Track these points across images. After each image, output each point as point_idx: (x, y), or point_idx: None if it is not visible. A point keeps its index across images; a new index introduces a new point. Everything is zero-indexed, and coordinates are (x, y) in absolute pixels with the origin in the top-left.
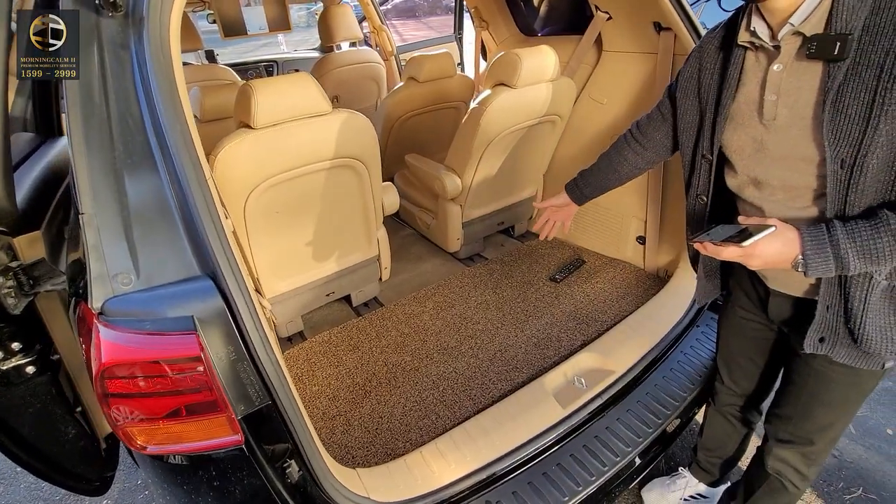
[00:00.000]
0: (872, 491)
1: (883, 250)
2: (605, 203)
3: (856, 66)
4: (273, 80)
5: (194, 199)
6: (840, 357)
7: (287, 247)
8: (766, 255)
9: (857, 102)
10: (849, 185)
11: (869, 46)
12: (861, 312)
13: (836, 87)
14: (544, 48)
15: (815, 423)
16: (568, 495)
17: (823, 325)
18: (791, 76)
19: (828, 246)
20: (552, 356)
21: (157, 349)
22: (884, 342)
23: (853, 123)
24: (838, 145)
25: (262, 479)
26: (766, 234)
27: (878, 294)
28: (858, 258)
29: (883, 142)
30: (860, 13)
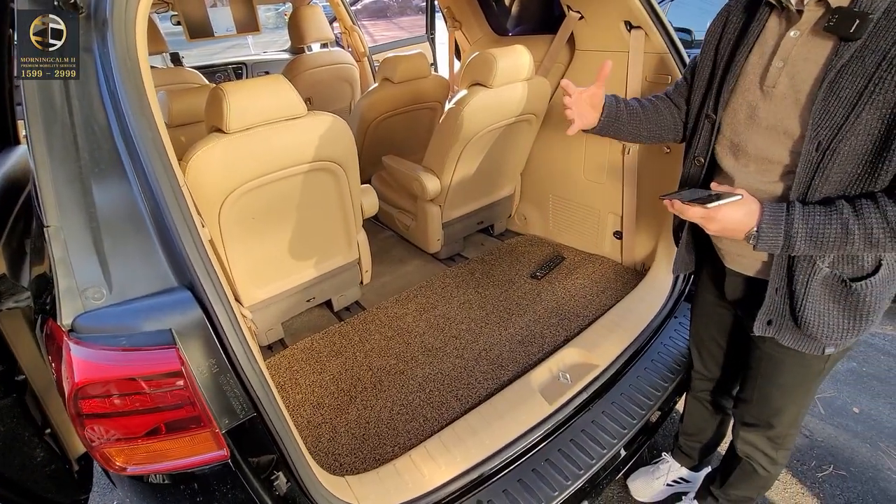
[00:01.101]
0: (842, 467)
1: (829, 237)
2: (583, 200)
3: (862, 50)
4: (246, 83)
5: (168, 207)
6: (786, 340)
7: (265, 253)
8: (726, 220)
9: (851, 86)
10: (817, 167)
11: (882, 31)
12: (803, 296)
13: (839, 68)
14: (519, 48)
15: (772, 406)
16: (558, 490)
17: (772, 307)
18: (803, 46)
19: (783, 223)
20: (536, 353)
21: (134, 365)
22: (821, 327)
23: (840, 107)
24: (820, 126)
25: (249, 493)
26: (732, 200)
27: (819, 280)
28: (805, 240)
29: (860, 131)
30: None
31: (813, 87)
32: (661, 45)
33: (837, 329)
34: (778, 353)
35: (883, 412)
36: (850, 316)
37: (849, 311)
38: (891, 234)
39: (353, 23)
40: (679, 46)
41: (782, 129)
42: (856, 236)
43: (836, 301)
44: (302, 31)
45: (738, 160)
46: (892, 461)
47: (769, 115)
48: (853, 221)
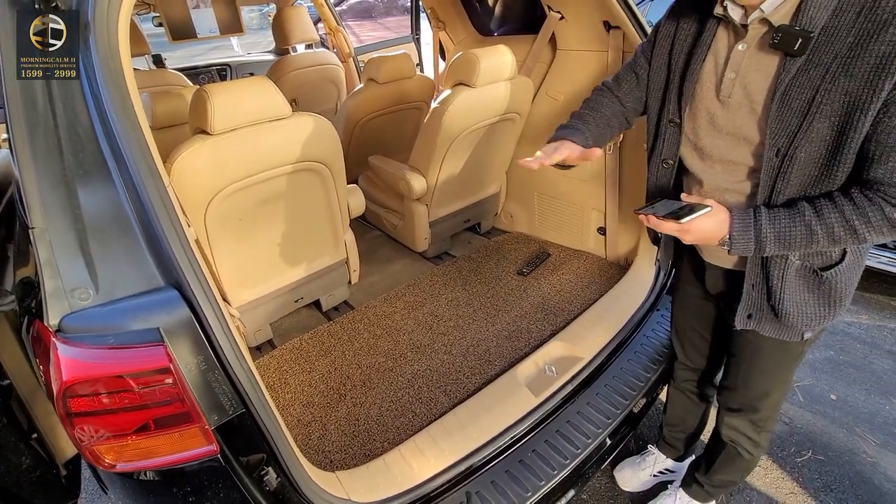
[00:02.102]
0: (821, 452)
1: (795, 238)
2: (567, 197)
3: (807, 65)
4: (230, 85)
5: (155, 208)
6: (766, 331)
7: (252, 254)
8: (700, 231)
9: (800, 98)
10: (779, 173)
11: (823, 47)
12: (780, 290)
13: (787, 82)
14: (501, 48)
15: (756, 390)
16: (544, 479)
17: (750, 302)
18: (751, 59)
19: (752, 229)
20: (523, 347)
21: (122, 363)
22: (800, 316)
23: (794, 116)
24: (777, 135)
25: (239, 488)
26: (703, 213)
27: (792, 273)
28: (774, 242)
29: (813, 138)
30: (824, 13)
31: (766, 98)
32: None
33: (815, 316)
34: (759, 340)
35: (858, 398)
36: (824, 303)
37: (823, 298)
38: (850, 231)
39: (338, 24)
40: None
41: (742, 135)
42: (819, 235)
43: (811, 290)
44: (286, 33)
45: (703, 162)
46: (867, 445)
47: (728, 122)
48: (815, 221)
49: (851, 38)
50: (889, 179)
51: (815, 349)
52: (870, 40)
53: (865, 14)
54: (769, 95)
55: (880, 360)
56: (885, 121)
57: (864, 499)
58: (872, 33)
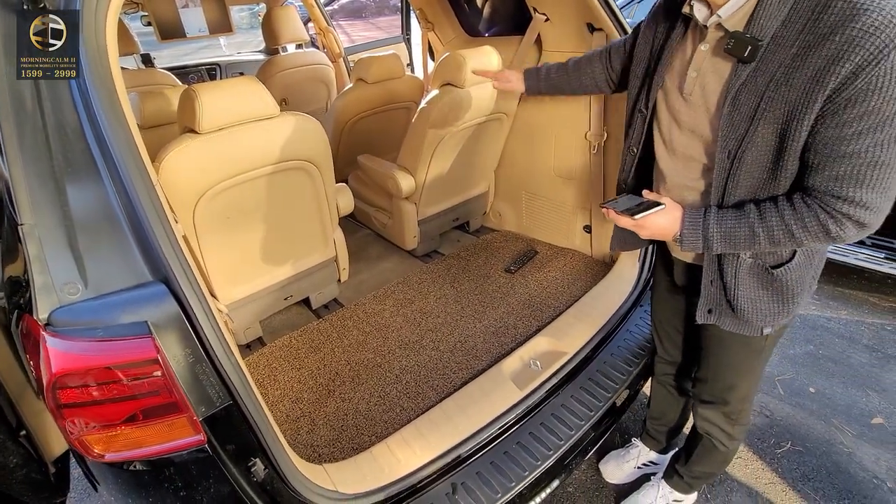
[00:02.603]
0: (799, 444)
1: (740, 238)
2: (553, 196)
3: (755, 72)
4: (218, 84)
5: (143, 204)
6: (726, 326)
7: (241, 252)
8: (653, 227)
9: (748, 103)
10: (729, 174)
11: (770, 56)
12: (734, 286)
13: (738, 87)
14: (487, 49)
15: (723, 383)
16: (528, 470)
17: (709, 297)
18: (710, 60)
19: (700, 227)
20: (509, 343)
21: (110, 355)
22: (754, 312)
23: (742, 121)
24: (727, 137)
25: (228, 479)
26: (656, 210)
27: (745, 270)
28: (720, 241)
29: (759, 142)
30: (774, 22)
31: (720, 100)
32: None
33: (769, 313)
34: (722, 335)
35: (836, 391)
36: (777, 300)
37: (776, 296)
38: (788, 234)
39: (328, 24)
40: None
41: (699, 133)
42: (761, 237)
43: (764, 287)
44: (276, 33)
45: (669, 157)
46: (843, 436)
47: (688, 119)
48: (758, 224)
49: (795, 49)
50: (825, 188)
51: (796, 344)
52: (809, 53)
53: (809, 27)
54: (722, 98)
55: (858, 355)
56: (822, 132)
57: (840, 488)
58: (812, 46)
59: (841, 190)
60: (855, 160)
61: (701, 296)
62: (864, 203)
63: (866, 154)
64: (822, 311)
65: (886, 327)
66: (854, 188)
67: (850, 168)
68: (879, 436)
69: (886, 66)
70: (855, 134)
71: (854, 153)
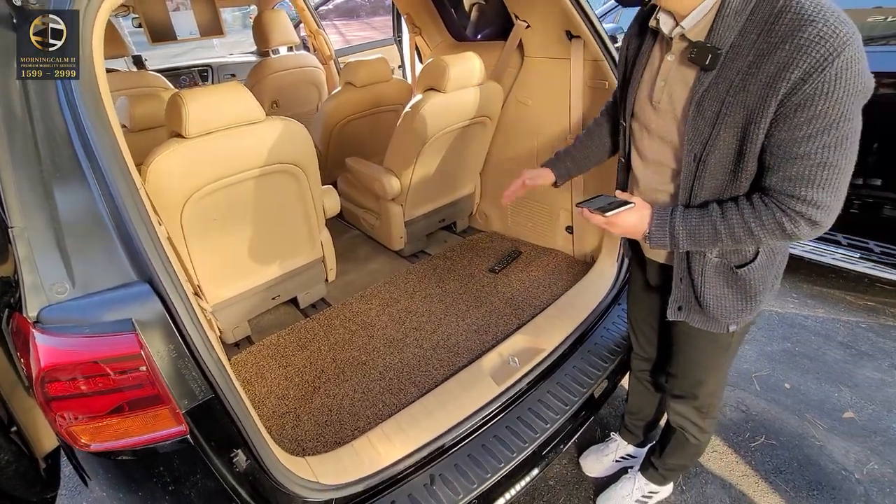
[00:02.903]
0: (773, 437)
1: (703, 235)
2: (538, 197)
3: (717, 79)
4: (204, 90)
5: (127, 208)
6: (695, 323)
7: (228, 253)
8: (624, 225)
9: (711, 109)
10: (695, 176)
11: (729, 63)
12: (701, 284)
13: (701, 93)
14: (469, 55)
15: (692, 378)
16: (503, 461)
17: (679, 295)
18: (676, 69)
19: (667, 225)
20: (490, 340)
21: (96, 350)
22: (720, 309)
23: (706, 125)
24: (693, 141)
25: (211, 469)
26: (625, 209)
27: (711, 269)
28: (686, 239)
29: (721, 146)
30: (732, 32)
31: (685, 108)
32: (598, 53)
33: (734, 310)
34: (691, 332)
35: (811, 387)
36: (741, 298)
37: (740, 294)
38: (748, 232)
39: (319, 26)
40: (614, 54)
41: (668, 139)
42: (723, 234)
43: (729, 286)
44: (266, 36)
45: (642, 163)
46: (815, 430)
47: (658, 126)
48: (720, 222)
49: (751, 57)
50: (780, 188)
51: (774, 341)
52: (763, 60)
53: (763, 36)
54: (688, 104)
55: (832, 351)
56: (776, 134)
57: (809, 479)
58: (766, 54)
59: (794, 189)
60: (806, 161)
61: (672, 293)
62: (815, 202)
63: (816, 155)
64: (800, 310)
65: (861, 325)
66: (806, 188)
67: (802, 169)
68: (850, 429)
69: (831, 73)
70: (805, 136)
71: (805, 154)
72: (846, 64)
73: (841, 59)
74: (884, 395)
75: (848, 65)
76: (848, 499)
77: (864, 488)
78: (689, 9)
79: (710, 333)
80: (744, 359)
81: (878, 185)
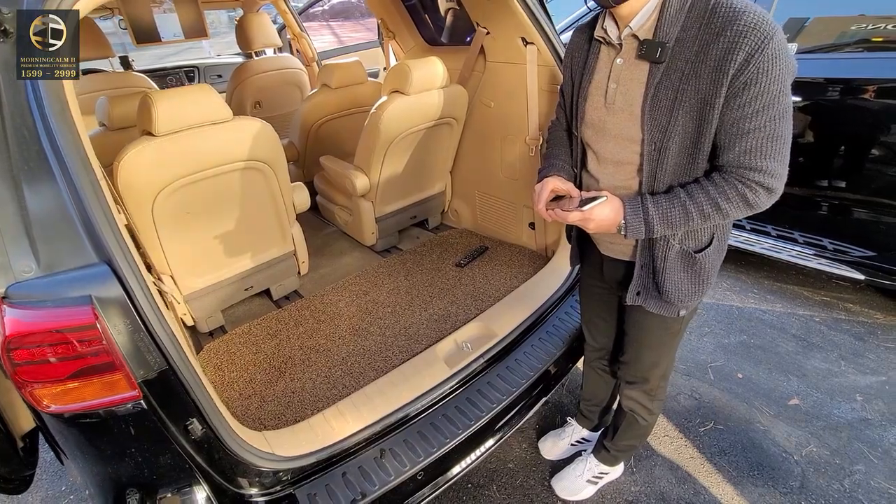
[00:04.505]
0: (721, 423)
1: (675, 217)
2: (502, 195)
3: (668, 70)
4: (173, 91)
5: (88, 197)
6: (651, 307)
7: (201, 245)
8: (599, 218)
9: (666, 98)
10: (657, 163)
11: (677, 54)
12: (662, 269)
13: (655, 85)
14: (433, 59)
15: (645, 363)
16: (449, 437)
17: (639, 280)
18: (628, 70)
19: (640, 213)
20: (449, 329)
21: (55, 321)
22: (677, 293)
23: (663, 114)
24: (652, 130)
25: (166, 435)
26: (600, 201)
27: (673, 255)
28: (659, 223)
29: (679, 131)
30: (675, 27)
31: (642, 102)
32: (550, 60)
33: (688, 293)
34: (644, 320)
35: (762, 376)
36: (694, 280)
37: (694, 277)
38: (715, 207)
39: (302, 29)
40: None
41: (626, 136)
42: (693, 213)
43: (685, 270)
44: (249, 38)
45: (599, 164)
46: (762, 416)
47: (614, 126)
48: (689, 202)
49: (696, 47)
50: (738, 161)
51: (731, 334)
52: (708, 48)
53: (703, 28)
54: (644, 99)
55: (785, 343)
56: (729, 113)
57: (752, 461)
58: (709, 42)
59: (751, 161)
60: (758, 134)
61: (633, 280)
62: (769, 171)
63: (766, 128)
64: (759, 304)
65: (815, 318)
66: (760, 159)
67: (755, 142)
68: (794, 415)
69: (768, 53)
70: (753, 112)
71: (756, 128)
72: (778, 46)
73: (774, 42)
74: (829, 384)
75: (780, 47)
76: (785, 478)
77: (801, 469)
78: (633, 13)
79: (661, 319)
80: (701, 350)
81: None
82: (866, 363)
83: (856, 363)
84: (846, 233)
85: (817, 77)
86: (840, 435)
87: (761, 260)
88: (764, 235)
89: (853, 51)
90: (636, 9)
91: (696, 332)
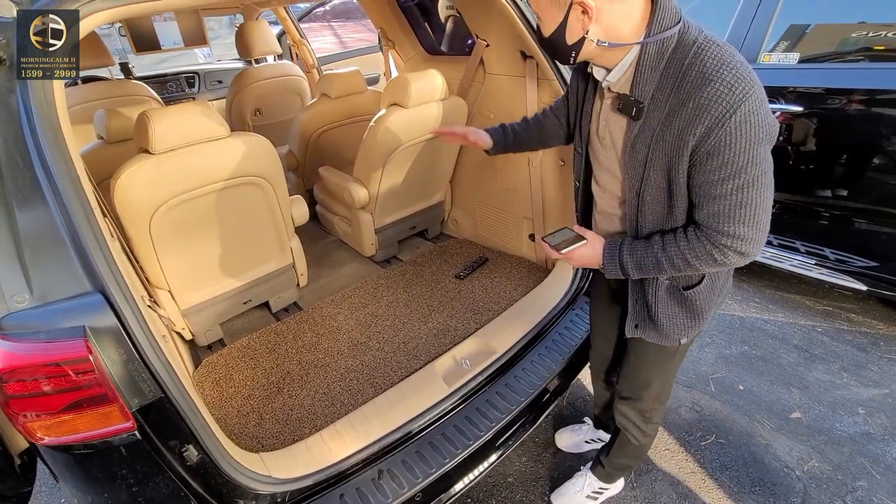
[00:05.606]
0: (722, 437)
1: (648, 265)
2: (502, 206)
3: (643, 127)
4: (170, 109)
5: (81, 226)
6: (650, 338)
7: (199, 260)
8: (581, 259)
9: (642, 151)
10: (638, 209)
11: (652, 113)
12: (654, 304)
13: (633, 139)
14: (432, 72)
15: (640, 381)
16: (448, 457)
17: (635, 314)
18: (612, 114)
19: (616, 258)
20: (448, 344)
21: (49, 354)
22: (672, 326)
23: (639, 165)
24: (631, 178)
25: (161, 463)
26: (579, 245)
27: (663, 291)
28: (634, 269)
29: (652, 184)
30: (650, 85)
31: (623, 147)
32: (549, 73)
33: (683, 327)
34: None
35: (763, 388)
36: (689, 315)
37: (688, 313)
38: (685, 262)
39: (302, 36)
40: (565, 75)
41: (612, 171)
42: (664, 264)
43: (679, 305)
44: (248, 45)
45: (598, 187)
46: (763, 429)
47: (605, 160)
48: (661, 253)
49: (666, 110)
50: (707, 223)
51: (733, 345)
52: (675, 115)
53: (675, 92)
54: (623, 148)
55: (787, 354)
56: (695, 177)
57: (753, 476)
58: (676, 109)
59: (719, 225)
60: (724, 201)
61: (628, 314)
62: (739, 236)
63: (733, 196)
64: (760, 314)
65: (817, 329)
66: (728, 224)
67: (722, 207)
68: (795, 429)
69: (730, 127)
70: (719, 180)
71: (722, 195)
72: (744, 118)
73: (738, 114)
74: (831, 397)
75: (746, 118)
76: (787, 494)
77: (802, 484)
78: (613, 63)
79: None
80: (702, 361)
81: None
82: (868, 375)
83: (858, 375)
84: (848, 243)
85: (818, 87)
86: (842, 450)
87: (763, 269)
88: (766, 245)
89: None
90: (612, 60)
91: (697, 342)
